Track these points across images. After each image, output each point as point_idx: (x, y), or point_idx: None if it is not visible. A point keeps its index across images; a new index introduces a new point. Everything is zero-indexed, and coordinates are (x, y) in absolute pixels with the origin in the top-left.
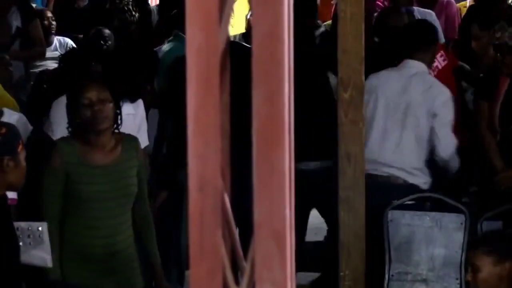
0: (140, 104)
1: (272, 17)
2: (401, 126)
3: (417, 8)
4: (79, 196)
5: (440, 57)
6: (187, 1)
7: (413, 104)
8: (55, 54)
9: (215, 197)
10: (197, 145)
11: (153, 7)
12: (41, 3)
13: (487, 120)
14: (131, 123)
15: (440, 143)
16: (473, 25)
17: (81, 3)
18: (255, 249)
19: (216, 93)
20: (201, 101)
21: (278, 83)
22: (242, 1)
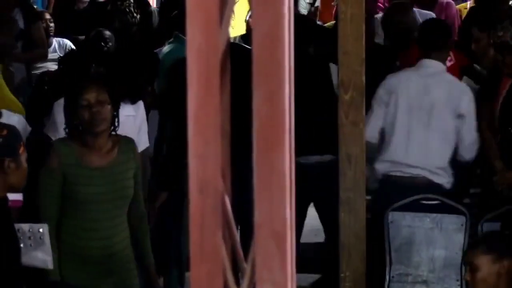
0: (140, 105)
1: (272, 17)
2: (426, 126)
3: (417, 9)
4: (76, 197)
5: None
6: (188, 2)
7: (437, 104)
8: (54, 55)
9: (215, 198)
10: (197, 146)
11: (154, 9)
12: (42, 4)
13: (488, 120)
14: (132, 124)
15: (464, 144)
16: (473, 27)
17: (81, 4)
18: (255, 250)
19: (216, 94)
20: (201, 101)
21: (278, 83)
22: (242, 3)
